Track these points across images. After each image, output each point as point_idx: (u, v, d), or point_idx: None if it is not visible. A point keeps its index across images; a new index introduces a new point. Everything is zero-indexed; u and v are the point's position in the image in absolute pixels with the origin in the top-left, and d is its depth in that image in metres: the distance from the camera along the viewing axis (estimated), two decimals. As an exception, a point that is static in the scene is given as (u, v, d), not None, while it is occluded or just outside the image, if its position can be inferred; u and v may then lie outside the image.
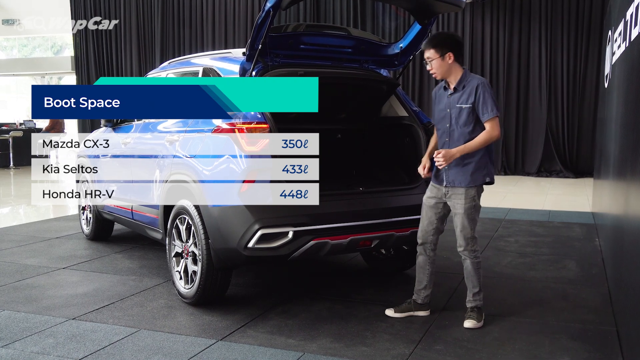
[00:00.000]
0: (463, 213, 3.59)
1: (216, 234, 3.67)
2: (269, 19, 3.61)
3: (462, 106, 3.55)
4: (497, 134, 3.51)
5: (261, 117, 3.66)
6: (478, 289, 3.70)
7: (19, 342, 3.40)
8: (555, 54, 12.41)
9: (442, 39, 3.59)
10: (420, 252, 3.84)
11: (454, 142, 3.59)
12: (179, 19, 15.78)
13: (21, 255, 5.50)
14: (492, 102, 3.51)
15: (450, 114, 3.61)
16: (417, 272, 3.87)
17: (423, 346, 3.33)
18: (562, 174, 12.25)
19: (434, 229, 3.77)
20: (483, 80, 3.56)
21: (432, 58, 3.57)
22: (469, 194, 3.59)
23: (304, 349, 3.28)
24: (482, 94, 3.50)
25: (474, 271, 3.68)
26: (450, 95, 3.62)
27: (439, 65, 3.57)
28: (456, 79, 3.59)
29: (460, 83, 3.58)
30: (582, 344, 3.36)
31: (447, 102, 3.63)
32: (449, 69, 3.58)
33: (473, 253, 3.66)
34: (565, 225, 7.00)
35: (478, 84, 3.53)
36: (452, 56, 3.56)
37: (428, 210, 3.76)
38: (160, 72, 5.19)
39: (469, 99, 3.53)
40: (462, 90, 3.57)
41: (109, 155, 5.56)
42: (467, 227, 3.61)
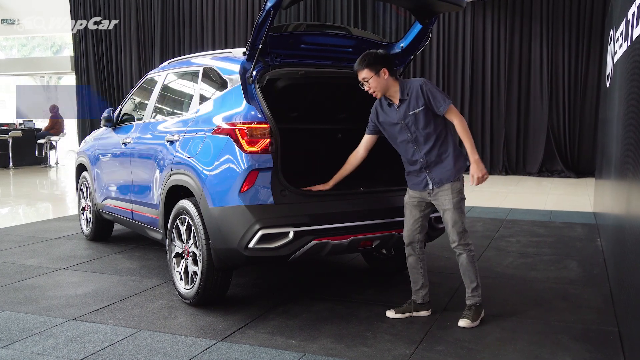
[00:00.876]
0: (452, 208, 3.61)
1: (216, 234, 3.66)
2: (269, 18, 3.60)
3: (416, 111, 3.60)
4: (462, 119, 3.59)
5: (261, 116, 3.65)
6: (476, 283, 3.70)
7: (19, 342, 3.39)
8: (557, 53, 12.40)
9: (373, 57, 3.64)
10: (409, 253, 3.84)
11: (423, 146, 3.63)
12: (179, 18, 15.79)
13: (21, 255, 5.50)
14: (440, 94, 3.57)
15: (407, 124, 3.65)
16: (410, 274, 3.87)
17: (424, 347, 3.32)
18: (563, 173, 12.25)
19: (420, 227, 3.78)
20: (422, 80, 3.63)
21: (368, 77, 3.62)
22: (456, 188, 3.62)
23: (305, 350, 3.27)
24: (428, 91, 3.56)
25: (470, 265, 3.68)
26: (398, 107, 3.66)
27: (377, 83, 3.62)
28: (396, 91, 3.65)
29: (403, 92, 3.64)
30: (583, 345, 3.35)
31: (398, 115, 3.67)
32: (387, 84, 3.64)
33: (467, 247, 3.67)
34: (567, 225, 6.99)
35: (420, 85, 3.59)
36: (387, 71, 3.62)
37: (412, 209, 3.77)
38: (160, 72, 5.18)
39: (419, 102, 3.58)
40: (407, 98, 3.62)
41: (109, 155, 5.56)
42: (458, 221, 3.63)
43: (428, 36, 4.34)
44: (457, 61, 13.17)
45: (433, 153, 3.63)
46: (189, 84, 4.67)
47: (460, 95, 13.12)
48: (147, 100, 5.17)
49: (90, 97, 17.03)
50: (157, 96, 5.00)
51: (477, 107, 13.01)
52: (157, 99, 4.99)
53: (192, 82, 4.56)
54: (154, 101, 5.00)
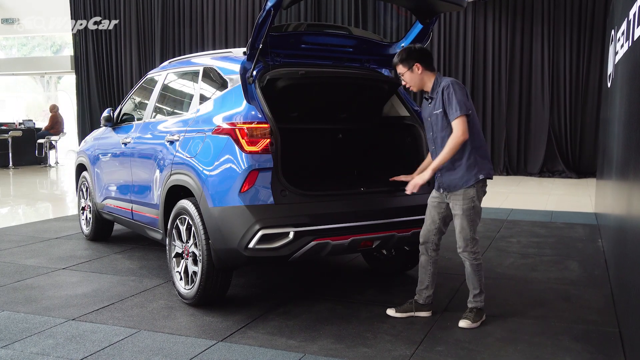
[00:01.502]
0: (462, 214, 3.59)
1: (217, 234, 3.65)
2: (269, 18, 3.59)
3: (437, 112, 3.60)
4: (460, 135, 3.46)
5: (262, 116, 3.64)
6: (478, 290, 3.69)
7: (19, 342, 3.38)
8: (558, 53, 12.39)
9: (407, 52, 3.65)
10: (422, 252, 3.84)
11: (440, 148, 3.62)
12: (179, 18, 15.78)
13: (21, 255, 5.49)
14: (456, 101, 3.49)
15: (431, 122, 3.67)
16: (419, 272, 3.87)
17: (424, 347, 3.31)
18: (564, 174, 12.23)
19: (437, 229, 3.77)
20: (449, 81, 3.57)
21: (402, 72, 3.66)
22: (468, 195, 3.58)
23: (305, 350, 3.26)
24: (447, 94, 3.53)
25: (474, 273, 3.67)
26: (429, 104, 3.68)
27: (410, 78, 3.64)
28: (430, 86, 3.65)
29: (434, 90, 3.64)
30: (584, 345, 3.34)
31: (428, 111, 3.70)
32: (422, 79, 3.64)
33: (473, 255, 3.65)
34: (568, 225, 6.98)
35: (444, 86, 3.56)
36: (420, 66, 3.61)
37: (432, 209, 3.77)
38: (160, 71, 5.17)
39: (440, 104, 3.57)
40: (435, 96, 3.62)
41: (108, 155, 5.55)
42: (465, 229, 3.60)
43: (429, 36, 4.33)
44: (458, 61, 13.16)
45: None
46: (189, 83, 4.67)
47: (461, 95, 13.10)
48: (147, 100, 5.17)
49: (90, 96, 17.03)
50: (157, 96, 5.00)
51: (478, 107, 12.99)
52: (157, 99, 4.99)
53: (192, 82, 4.55)
54: (154, 101, 4.99)
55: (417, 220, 3.94)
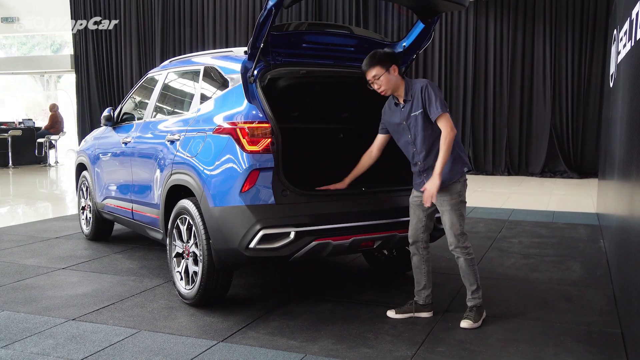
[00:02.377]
0: (450, 209, 3.60)
1: (217, 234, 3.64)
2: (270, 17, 3.58)
3: (416, 113, 3.59)
4: (450, 131, 3.49)
5: (262, 116, 3.63)
6: (476, 286, 3.69)
7: (19, 342, 3.37)
8: (560, 53, 12.37)
9: (383, 54, 3.64)
10: (413, 252, 3.84)
11: (422, 149, 3.63)
12: (180, 17, 15.76)
13: (20, 255, 5.48)
14: (436, 99, 3.52)
15: (408, 125, 3.65)
16: (414, 273, 3.87)
17: (426, 348, 3.30)
18: (566, 174, 12.21)
19: (424, 226, 3.78)
20: (425, 82, 3.61)
21: (379, 74, 3.61)
22: (454, 189, 3.60)
23: (306, 351, 3.25)
24: (427, 94, 3.54)
25: (469, 268, 3.67)
26: (402, 108, 3.67)
27: (387, 81, 3.62)
28: (402, 91, 3.65)
29: (407, 93, 3.63)
30: (586, 346, 3.33)
31: (402, 115, 3.67)
32: (396, 82, 3.64)
33: (465, 250, 3.65)
34: (570, 226, 6.97)
35: (421, 87, 3.58)
36: (397, 68, 3.62)
37: (415, 208, 3.78)
38: (161, 71, 5.16)
39: (419, 104, 3.58)
40: (411, 99, 3.61)
41: (109, 155, 5.54)
42: (456, 224, 3.61)
43: (430, 35, 4.31)
44: (460, 61, 13.14)
45: (430, 158, 3.63)
46: (189, 83, 4.65)
47: (462, 95, 13.09)
48: (147, 100, 5.16)
49: (90, 95, 17.02)
50: (157, 95, 4.98)
51: (479, 107, 12.98)
52: (157, 98, 4.98)
53: (193, 81, 4.54)
54: (155, 100, 4.98)
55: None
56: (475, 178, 12.14)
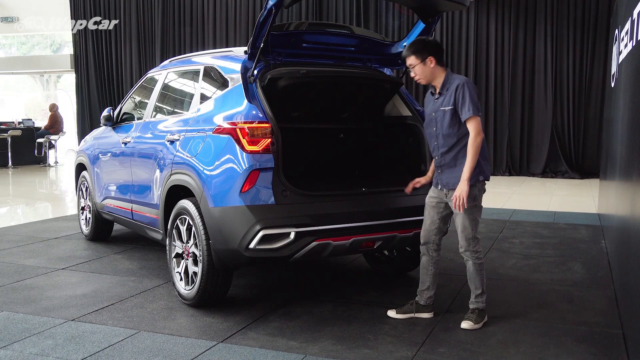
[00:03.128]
0: (464, 213, 3.56)
1: (217, 234, 3.63)
2: (271, 17, 3.57)
3: (445, 109, 3.57)
4: (476, 135, 3.46)
5: (263, 116, 3.62)
6: (480, 290, 3.67)
7: (18, 343, 3.36)
8: (561, 52, 12.35)
9: (422, 44, 3.62)
10: (423, 253, 3.82)
11: (442, 145, 3.61)
12: (180, 17, 15.75)
13: (20, 255, 5.47)
14: (470, 101, 3.49)
15: (435, 117, 3.64)
16: (420, 273, 3.85)
17: (426, 349, 3.29)
18: (567, 174, 12.20)
19: (437, 229, 3.75)
20: (464, 80, 3.56)
21: (414, 64, 3.61)
22: (470, 194, 3.55)
23: (306, 351, 3.24)
24: (462, 93, 3.50)
25: (476, 273, 3.65)
26: (436, 99, 3.65)
27: (422, 71, 3.60)
28: (440, 82, 3.62)
29: (444, 86, 3.60)
30: (587, 347, 3.32)
31: (433, 106, 3.66)
32: (432, 73, 3.61)
33: (475, 254, 3.63)
34: (571, 226, 6.95)
35: (458, 84, 3.54)
36: (434, 60, 3.59)
37: (430, 210, 3.75)
38: (161, 70, 5.15)
39: (451, 100, 3.54)
40: (445, 93, 3.59)
41: (108, 155, 5.53)
42: (468, 228, 3.58)
43: (431, 35, 4.30)
44: (461, 60, 13.12)
45: (449, 155, 3.60)
46: (189, 83, 4.64)
47: (463, 95, 13.07)
48: (147, 99, 5.15)
49: (90, 95, 17.01)
50: (157, 95, 4.97)
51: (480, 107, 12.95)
52: (157, 98, 4.97)
53: (193, 81, 4.53)
54: (155, 100, 4.97)
55: (419, 221, 3.92)
56: (476, 178, 12.09)
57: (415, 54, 3.59)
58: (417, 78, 3.65)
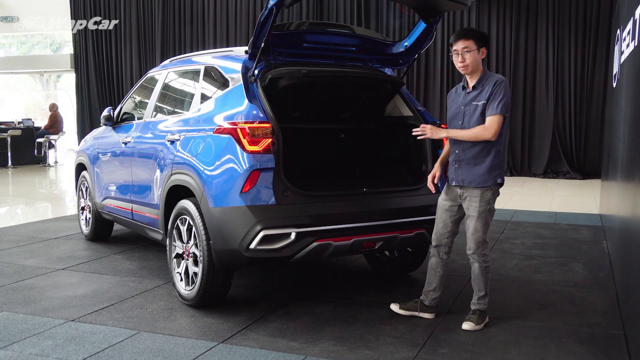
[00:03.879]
0: (477, 216, 3.54)
1: (217, 235, 3.62)
2: (271, 16, 3.56)
3: (478, 103, 3.52)
4: (490, 133, 3.44)
5: (263, 116, 3.61)
6: (484, 292, 3.66)
7: (18, 343, 3.35)
8: (563, 52, 12.34)
9: (481, 33, 3.60)
10: (433, 254, 3.80)
11: (465, 141, 3.56)
12: (180, 17, 15.74)
13: (19, 255, 5.45)
14: (502, 100, 3.45)
15: (464, 111, 3.58)
16: (428, 274, 3.83)
17: (427, 350, 3.28)
18: (569, 175, 12.18)
19: (449, 232, 3.72)
20: (503, 79, 3.53)
21: (471, 49, 3.50)
22: (485, 197, 3.54)
23: (306, 352, 3.23)
24: (498, 89, 3.47)
25: (482, 275, 3.64)
26: (468, 93, 3.59)
27: (474, 58, 3.51)
28: (477, 76, 3.56)
29: (480, 81, 3.55)
30: (589, 348, 3.31)
31: (463, 100, 3.60)
32: (479, 64, 3.55)
33: (482, 257, 3.61)
34: (572, 227, 6.94)
35: (496, 81, 3.50)
36: (486, 52, 3.56)
37: (443, 213, 3.72)
38: (161, 70, 5.14)
39: (486, 96, 3.50)
40: (480, 88, 3.54)
41: (108, 155, 5.51)
42: (479, 231, 3.56)
43: (432, 35, 4.29)
44: (462, 60, 13.09)
45: (470, 152, 3.55)
46: (190, 82, 4.63)
47: (464, 95, 13.04)
48: (147, 99, 5.14)
49: (90, 95, 16.99)
50: (157, 95, 4.96)
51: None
52: (157, 98, 4.96)
53: (193, 80, 4.52)
54: (155, 100, 4.96)
55: (420, 221, 3.91)
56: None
57: (476, 39, 3.50)
58: (466, 63, 3.50)
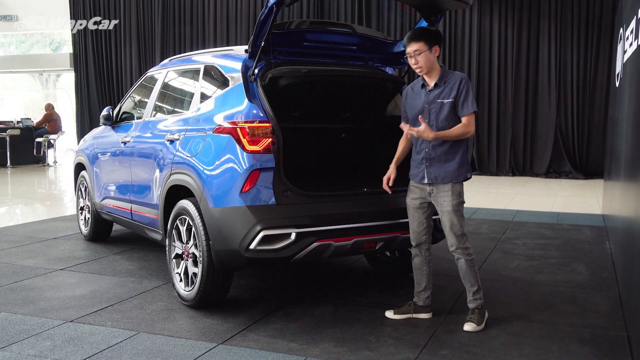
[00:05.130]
0: (451, 210, 3.56)
1: (217, 235, 3.60)
2: (272, 15, 3.54)
3: (444, 101, 3.53)
4: (472, 130, 3.55)
5: (263, 115, 3.59)
6: (477, 287, 3.65)
7: (16, 344, 3.34)
8: (565, 51, 12.32)
9: (430, 32, 3.60)
10: (415, 254, 3.81)
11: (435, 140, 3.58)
12: (180, 16, 15.74)
13: (18, 256, 5.44)
14: (472, 97, 3.52)
15: (429, 110, 3.59)
16: (414, 274, 3.84)
17: (428, 351, 3.26)
18: (571, 175, 12.16)
19: (425, 229, 3.75)
20: (465, 76, 3.58)
21: (421, 51, 3.51)
22: (456, 190, 3.57)
23: (307, 353, 3.22)
24: (465, 88, 3.51)
25: (469, 269, 3.63)
26: (429, 91, 3.60)
27: (427, 59, 3.53)
28: (437, 74, 3.58)
29: (441, 79, 3.57)
30: (591, 349, 3.29)
31: (426, 98, 3.61)
32: (434, 63, 3.58)
33: (466, 251, 3.61)
34: (575, 227, 6.92)
35: (461, 79, 3.54)
36: (439, 50, 3.57)
37: (414, 212, 3.73)
38: (161, 69, 5.12)
39: (452, 94, 3.52)
40: (443, 86, 3.56)
41: (108, 154, 5.50)
42: (456, 224, 3.57)
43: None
44: (464, 60, 13.09)
45: (440, 149, 3.57)
46: (189, 82, 4.62)
47: (466, 94, 13.03)
48: (147, 99, 5.12)
49: (90, 94, 16.98)
50: (157, 94, 4.94)
51: (483, 107, 12.93)
52: (157, 97, 4.94)
53: (193, 80, 4.51)
54: (154, 99, 4.94)
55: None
56: (479, 179, 12.11)
57: (425, 40, 3.50)
58: (419, 66, 3.54)
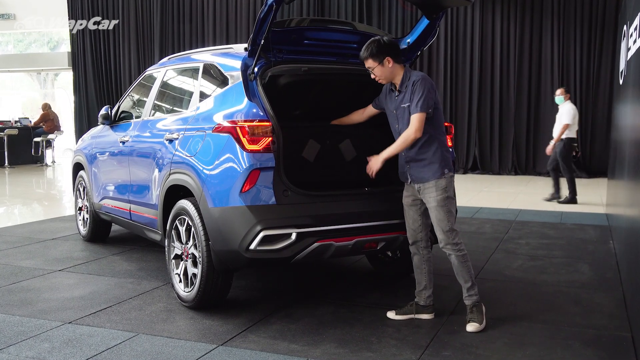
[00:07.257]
0: (436, 205, 3.57)
1: (217, 235, 3.58)
2: (271, 13, 3.51)
3: (404, 105, 3.58)
4: (413, 132, 3.50)
5: (263, 114, 3.56)
6: (470, 282, 3.64)
7: (14, 346, 3.32)
8: (568, 49, 12.29)
9: (377, 46, 3.60)
10: (413, 252, 3.81)
11: None
12: (179, 13, 15.72)
13: (16, 256, 5.42)
14: (420, 98, 3.49)
15: (397, 115, 3.65)
16: (415, 274, 3.84)
17: (430, 352, 3.24)
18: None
19: (421, 226, 3.75)
20: (420, 77, 3.57)
21: (372, 67, 3.62)
22: (440, 185, 3.58)
23: (308, 355, 3.20)
24: (415, 89, 3.52)
25: (462, 265, 3.62)
26: (396, 97, 3.66)
27: (381, 72, 3.61)
28: (399, 80, 3.63)
29: (403, 83, 3.62)
30: (595, 350, 3.27)
31: (394, 104, 3.67)
32: (392, 72, 3.62)
33: (456, 246, 3.60)
34: (578, 227, 6.90)
35: (414, 80, 3.56)
36: (391, 60, 3.59)
37: (408, 209, 3.76)
38: (160, 68, 5.09)
39: (408, 97, 3.56)
40: (404, 90, 3.61)
41: (106, 154, 5.47)
42: (443, 220, 3.56)
43: (435, 32, 4.23)
44: (466, 58, 13.06)
45: (412, 151, 3.62)
46: (188, 80, 4.59)
47: (468, 93, 13.02)
48: (145, 98, 5.10)
49: (88, 93, 16.94)
50: (156, 93, 4.92)
51: (485, 105, 12.90)
52: (156, 96, 4.91)
53: (192, 78, 4.48)
54: (153, 98, 4.92)
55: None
56: (481, 178, 12.09)
57: (372, 57, 3.58)
58: (378, 79, 3.66)
